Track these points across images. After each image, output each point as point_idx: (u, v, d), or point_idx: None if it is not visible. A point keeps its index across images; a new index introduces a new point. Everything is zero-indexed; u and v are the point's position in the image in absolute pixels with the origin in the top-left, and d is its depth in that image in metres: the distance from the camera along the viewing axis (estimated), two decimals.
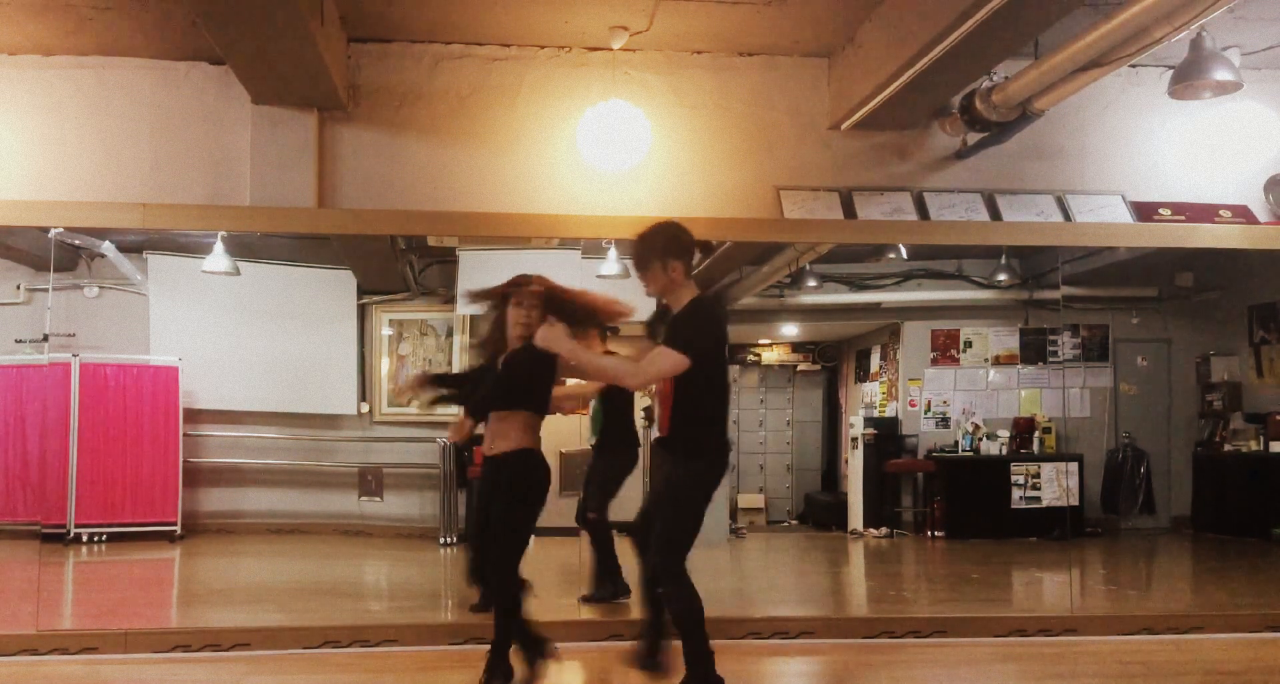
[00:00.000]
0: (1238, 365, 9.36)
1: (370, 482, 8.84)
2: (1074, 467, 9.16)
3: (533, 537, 8.72)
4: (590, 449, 6.28)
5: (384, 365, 9.11)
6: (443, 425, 9.00)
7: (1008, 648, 5.21)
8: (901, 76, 4.98)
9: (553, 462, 6.13)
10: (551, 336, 4.05)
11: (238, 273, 8.43)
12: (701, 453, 4.01)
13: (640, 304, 4.99)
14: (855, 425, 10.13)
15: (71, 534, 8.13)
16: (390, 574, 8.11)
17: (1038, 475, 9.24)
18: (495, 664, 4.31)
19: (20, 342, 8.00)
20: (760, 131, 5.76)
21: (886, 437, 9.93)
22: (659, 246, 4.04)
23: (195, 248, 8.39)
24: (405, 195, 5.56)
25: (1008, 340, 9.83)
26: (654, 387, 4.32)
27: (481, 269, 7.75)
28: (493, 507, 4.31)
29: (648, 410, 6.87)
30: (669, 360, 3.89)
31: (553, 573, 6.78)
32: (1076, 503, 9.11)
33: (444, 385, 4.77)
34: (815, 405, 11.51)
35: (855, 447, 10.02)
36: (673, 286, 4.04)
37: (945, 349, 9.92)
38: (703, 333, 3.98)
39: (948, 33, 4.50)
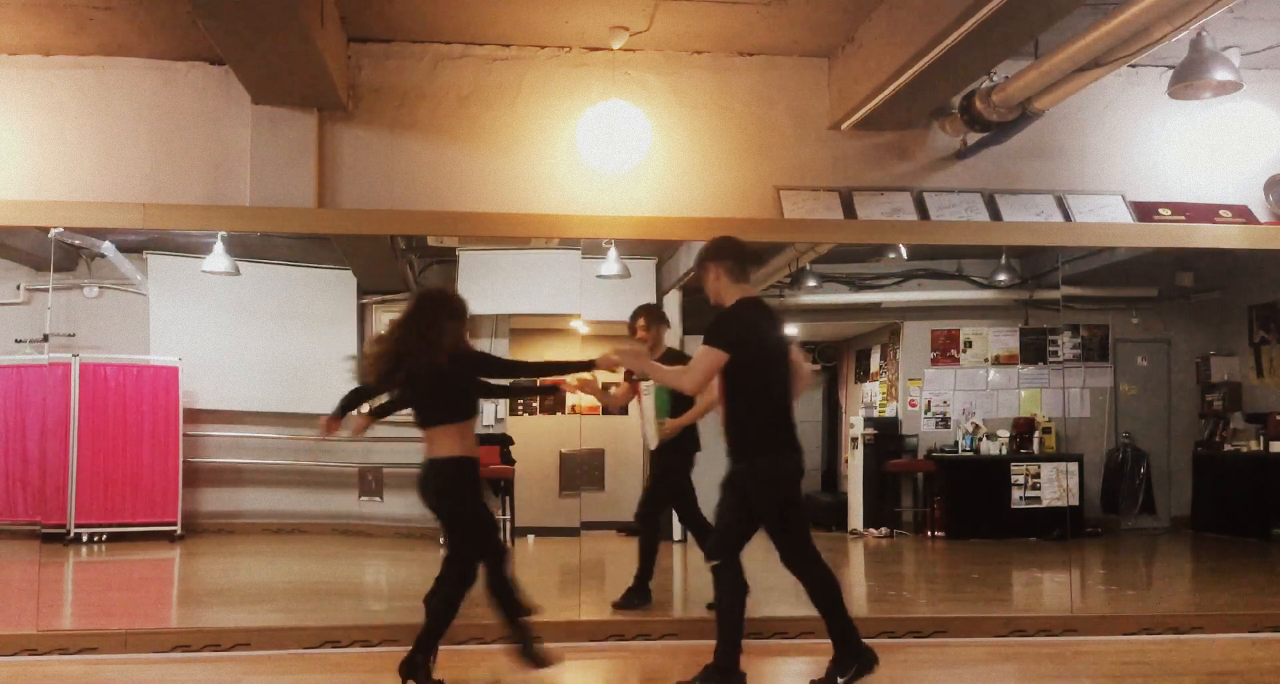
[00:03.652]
0: (1238, 365, 9.35)
1: (370, 482, 8.83)
2: (1074, 467, 9.14)
3: (532, 537, 8.66)
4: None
5: None
6: None
7: (1008, 648, 5.21)
8: (901, 76, 4.98)
9: (554, 462, 6.14)
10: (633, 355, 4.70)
11: (238, 273, 8.41)
12: (743, 454, 4.23)
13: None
14: (855, 425, 10.12)
15: (71, 534, 8.12)
16: (390, 574, 8.10)
17: (1038, 475, 9.22)
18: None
19: (20, 341, 7.99)
20: (760, 131, 5.76)
21: (886, 437, 9.92)
22: (707, 253, 4.35)
23: (195, 248, 8.37)
24: (405, 195, 5.56)
25: (1008, 340, 9.81)
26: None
27: (481, 269, 7.74)
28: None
29: None
30: (704, 359, 4.14)
31: (554, 573, 6.79)
32: (1076, 503, 9.08)
33: None
34: (815, 405, 11.49)
35: (855, 447, 10.00)
36: (717, 289, 4.31)
37: (945, 349, 9.91)
38: (726, 331, 4.18)
39: (948, 33, 4.50)
